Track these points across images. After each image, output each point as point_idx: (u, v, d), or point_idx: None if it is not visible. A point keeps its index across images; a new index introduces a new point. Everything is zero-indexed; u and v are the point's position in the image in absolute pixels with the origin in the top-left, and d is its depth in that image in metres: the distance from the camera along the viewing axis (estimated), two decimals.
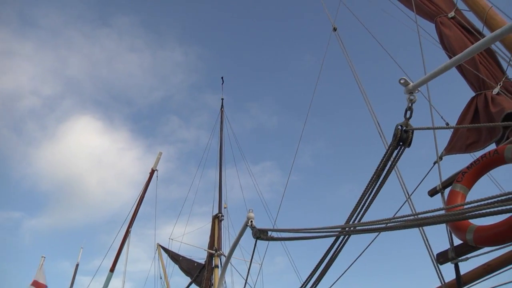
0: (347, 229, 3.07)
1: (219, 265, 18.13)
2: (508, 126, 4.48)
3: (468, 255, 3.51)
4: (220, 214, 19.97)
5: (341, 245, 3.31)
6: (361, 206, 3.12)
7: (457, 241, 3.58)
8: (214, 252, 18.57)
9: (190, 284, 19.38)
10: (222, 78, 26.56)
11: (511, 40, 5.25)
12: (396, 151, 3.05)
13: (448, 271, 3.74)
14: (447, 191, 4.04)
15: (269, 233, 3.62)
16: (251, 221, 3.85)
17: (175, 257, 20.60)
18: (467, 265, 3.55)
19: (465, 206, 2.54)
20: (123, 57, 56.74)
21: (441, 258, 3.75)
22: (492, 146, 4.65)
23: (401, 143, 3.02)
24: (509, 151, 3.56)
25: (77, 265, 23.71)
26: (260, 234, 3.60)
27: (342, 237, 3.25)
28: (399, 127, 3.03)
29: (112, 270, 18.25)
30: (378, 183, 3.06)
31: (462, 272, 3.60)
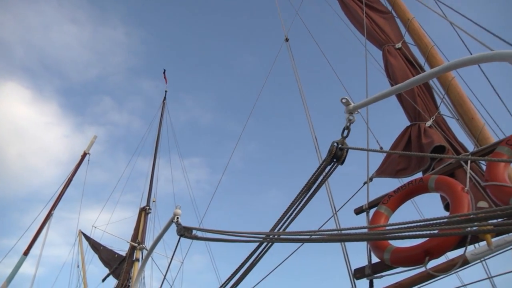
0: (271, 236, 3.12)
1: (140, 259, 17.70)
2: (435, 158, 4.75)
3: (383, 273, 3.68)
4: (148, 207, 19.53)
5: (263, 251, 3.35)
6: (288, 215, 3.18)
7: (375, 259, 3.74)
8: (136, 245, 18.09)
9: (107, 275, 18.76)
10: (164, 71, 26.07)
11: (446, 79, 5.62)
12: (329, 167, 3.14)
13: (363, 287, 3.89)
14: (372, 211, 4.21)
15: (194, 231, 3.60)
16: (177, 218, 3.81)
17: (96, 246, 19.87)
18: (381, 282, 3.71)
19: (387, 228, 2.66)
20: (61, 27, 52.32)
21: (358, 274, 3.90)
22: (419, 175, 4.91)
23: (334, 160, 3.12)
24: (432, 181, 3.79)
25: None
26: (185, 232, 3.57)
27: (265, 243, 3.29)
28: (335, 144, 3.12)
29: (26, 253, 17.31)
30: (308, 195, 3.14)
31: None
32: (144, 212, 19.41)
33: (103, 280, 18.99)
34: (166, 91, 25.83)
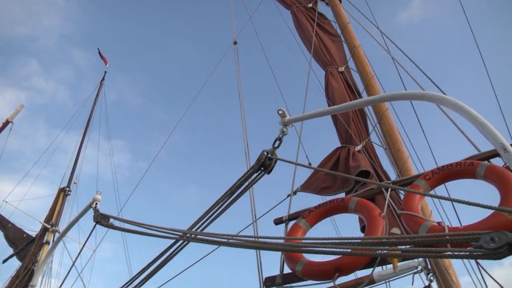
0: (188, 235, 3.08)
1: (51, 242, 16.70)
2: (359, 181, 4.93)
3: (293, 284, 3.76)
4: (68, 189, 18.52)
5: (178, 249, 3.29)
6: (207, 216, 3.16)
7: (287, 270, 3.81)
8: (49, 226, 17.05)
9: (10, 256, 17.41)
10: (98, 50, 25.02)
11: (381, 109, 5.90)
12: (255, 174, 3.16)
13: None
14: (292, 223, 4.29)
15: (111, 220, 3.49)
16: (96, 204, 3.67)
17: (3, 223, 18.28)
18: None
19: (303, 241, 2.71)
20: None
21: (269, 282, 3.96)
22: (342, 195, 5.08)
23: (262, 168, 3.15)
24: (353, 203, 3.93)
25: None
26: (102, 219, 3.45)
27: (181, 241, 3.24)
28: (265, 153, 3.16)
29: None
30: (230, 199, 3.14)
31: None
32: (63, 193, 18.32)
33: (4, 261, 17.62)
34: (105, 72, 24.61)
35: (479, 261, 3.66)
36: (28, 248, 16.73)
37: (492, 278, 3.56)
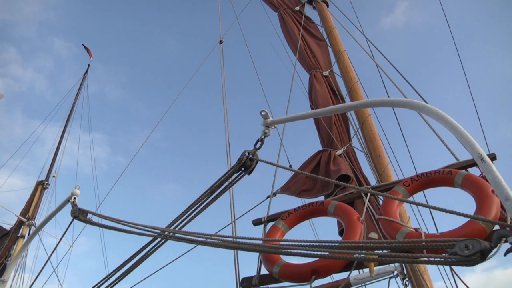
0: (166, 233, 3.06)
1: (26, 236, 16.33)
2: (339, 185, 4.97)
3: (270, 285, 3.76)
4: (46, 182, 18.15)
5: (155, 247, 3.27)
6: (186, 215, 3.15)
7: (264, 271, 3.81)
8: (26, 220, 16.69)
9: None
10: (84, 46, 24.68)
11: (363, 115, 5.96)
12: (236, 174, 3.16)
13: None
14: (270, 224, 4.30)
15: (89, 215, 3.45)
16: (75, 198, 3.63)
17: None
18: None
19: (281, 243, 2.71)
20: None
21: (245, 283, 3.95)
22: (321, 198, 5.11)
23: (243, 169, 3.15)
24: (332, 207, 3.95)
25: None
26: (79, 214, 3.41)
27: (159, 239, 3.22)
28: (246, 153, 3.16)
29: None
30: (210, 198, 3.13)
31: None
32: (41, 186, 17.95)
33: None
34: (89, 65, 24.25)
35: (453, 267, 3.72)
36: (1, 241, 16.34)
37: (465, 284, 3.63)
